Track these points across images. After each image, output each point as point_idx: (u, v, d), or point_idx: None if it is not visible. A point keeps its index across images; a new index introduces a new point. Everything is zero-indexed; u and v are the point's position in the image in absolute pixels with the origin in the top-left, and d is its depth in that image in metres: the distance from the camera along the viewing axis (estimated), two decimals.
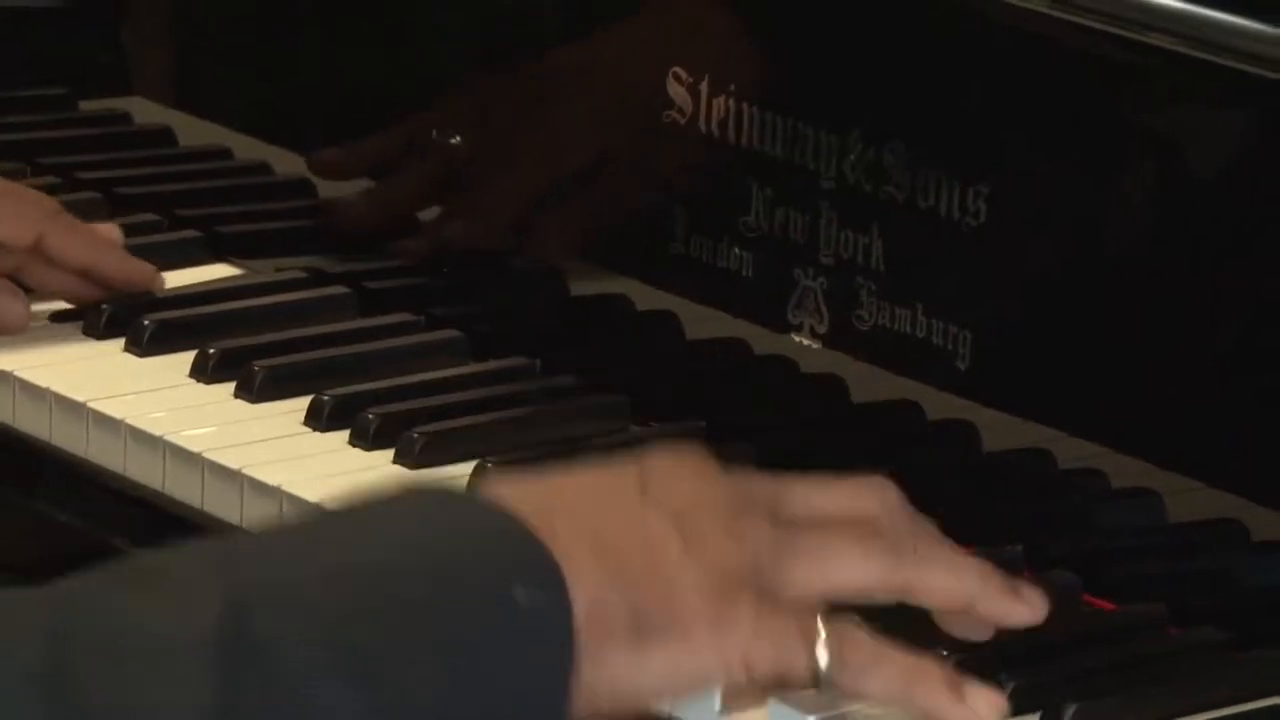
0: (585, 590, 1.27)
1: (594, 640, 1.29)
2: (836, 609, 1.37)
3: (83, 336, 1.91)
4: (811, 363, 1.74)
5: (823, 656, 1.33)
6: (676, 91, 1.78)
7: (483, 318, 1.88)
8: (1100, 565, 1.62)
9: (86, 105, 2.14)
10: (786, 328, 1.74)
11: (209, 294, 1.96)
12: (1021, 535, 1.63)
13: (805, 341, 1.74)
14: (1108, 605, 1.62)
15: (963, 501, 1.65)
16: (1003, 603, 1.42)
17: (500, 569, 1.27)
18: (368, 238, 2.04)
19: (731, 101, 1.76)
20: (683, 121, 1.77)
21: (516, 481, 1.36)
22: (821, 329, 1.72)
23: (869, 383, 1.72)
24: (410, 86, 2.05)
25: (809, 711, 1.47)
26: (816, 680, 1.35)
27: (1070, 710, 1.46)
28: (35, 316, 1.97)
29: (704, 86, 1.76)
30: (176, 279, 1.98)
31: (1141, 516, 1.67)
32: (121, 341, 1.89)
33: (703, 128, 1.76)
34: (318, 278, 1.98)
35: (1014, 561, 1.60)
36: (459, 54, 2.05)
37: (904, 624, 1.36)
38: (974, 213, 1.66)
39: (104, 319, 1.92)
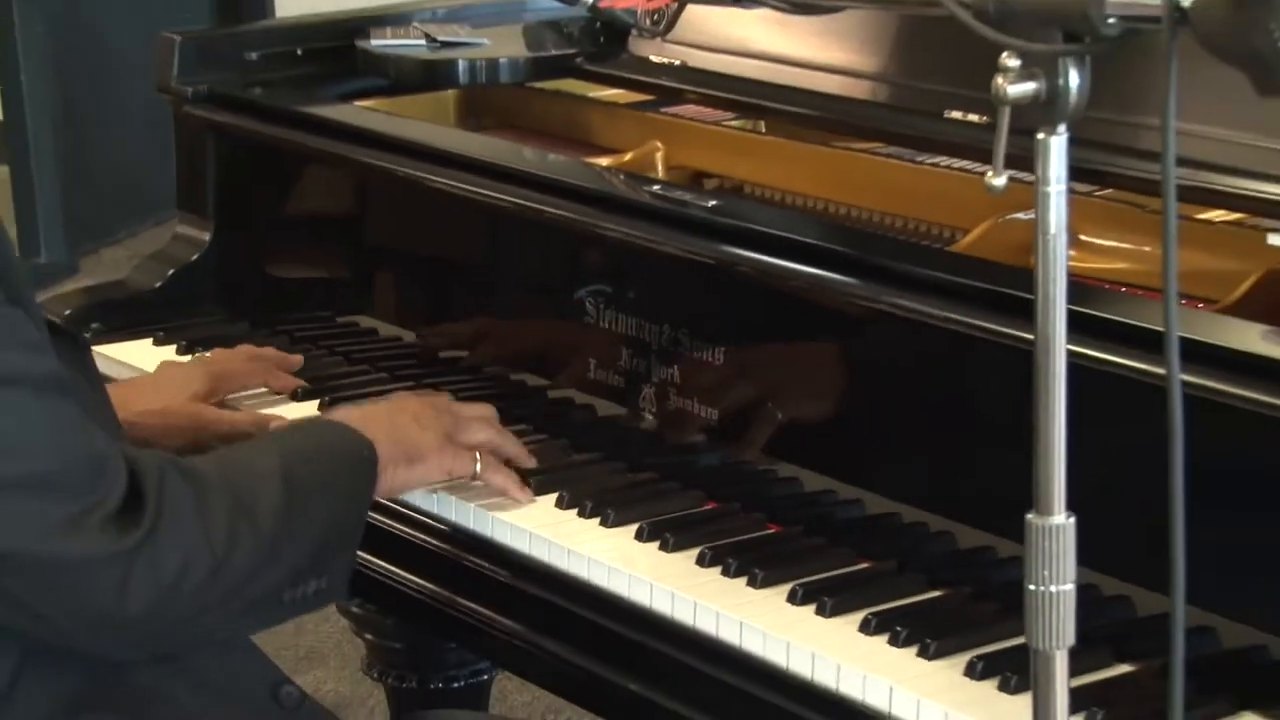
0: (383, 452, 1.59)
1: (390, 468, 1.60)
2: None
3: None
4: (648, 424, 1.78)
5: (477, 467, 1.69)
6: (589, 308, 1.81)
7: (526, 419, 1.85)
8: (760, 497, 1.68)
9: (340, 319, 2.12)
10: (638, 409, 1.78)
11: None
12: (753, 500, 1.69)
13: (647, 416, 1.78)
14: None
15: (714, 475, 1.73)
16: (517, 455, 1.73)
17: (359, 447, 1.58)
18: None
19: (613, 312, 1.79)
20: (592, 322, 1.81)
21: (356, 411, 1.69)
22: (653, 411, 1.77)
23: (676, 433, 1.75)
24: (486, 306, 2.01)
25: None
26: (475, 476, 1.69)
27: (700, 551, 1.58)
28: None
29: (601, 305, 1.80)
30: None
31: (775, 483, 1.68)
32: None
33: (602, 325, 1.80)
34: None
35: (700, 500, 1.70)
36: (506, 298, 1.98)
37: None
38: (717, 360, 1.71)
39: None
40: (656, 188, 1.87)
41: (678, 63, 2.19)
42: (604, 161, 2.07)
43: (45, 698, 1.43)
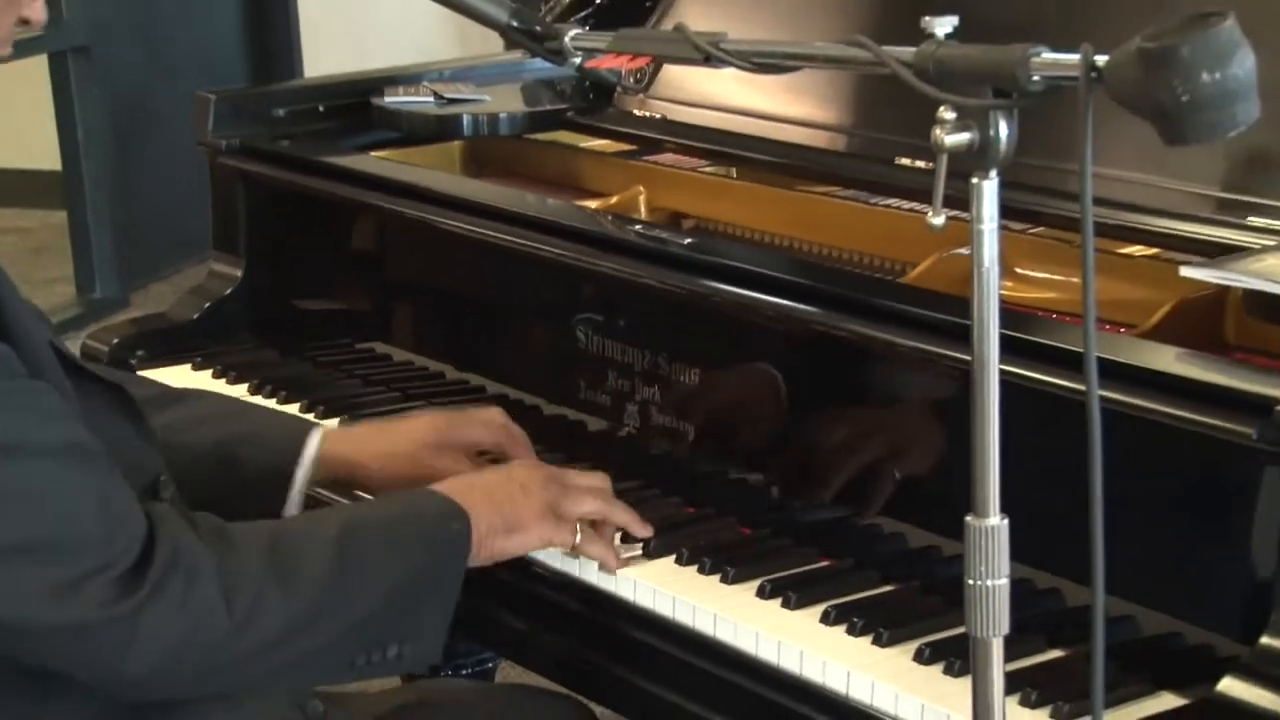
0: (482, 522, 1.48)
1: (486, 539, 1.48)
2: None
3: None
4: (632, 438, 1.75)
5: (576, 539, 1.56)
6: (580, 334, 1.79)
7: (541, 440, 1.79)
8: (732, 503, 1.67)
9: (359, 346, 2.09)
10: (622, 425, 1.76)
11: None
12: (725, 506, 1.68)
13: (631, 431, 1.76)
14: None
15: (691, 484, 1.71)
16: (629, 523, 1.59)
17: (448, 518, 1.47)
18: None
19: (602, 338, 1.77)
20: (583, 347, 1.79)
21: (465, 480, 1.55)
22: (637, 426, 1.75)
23: (657, 444, 1.73)
24: (488, 333, 1.97)
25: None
26: (574, 547, 1.57)
27: (679, 553, 1.57)
28: None
29: (591, 331, 1.78)
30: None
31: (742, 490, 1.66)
32: None
33: (592, 350, 1.78)
34: None
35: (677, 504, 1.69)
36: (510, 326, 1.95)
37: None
38: (694, 380, 1.69)
39: None
40: (639, 228, 1.87)
41: (658, 116, 2.18)
42: (593, 204, 2.06)
43: (74, 712, 1.35)
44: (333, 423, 1.87)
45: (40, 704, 1.34)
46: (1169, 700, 1.34)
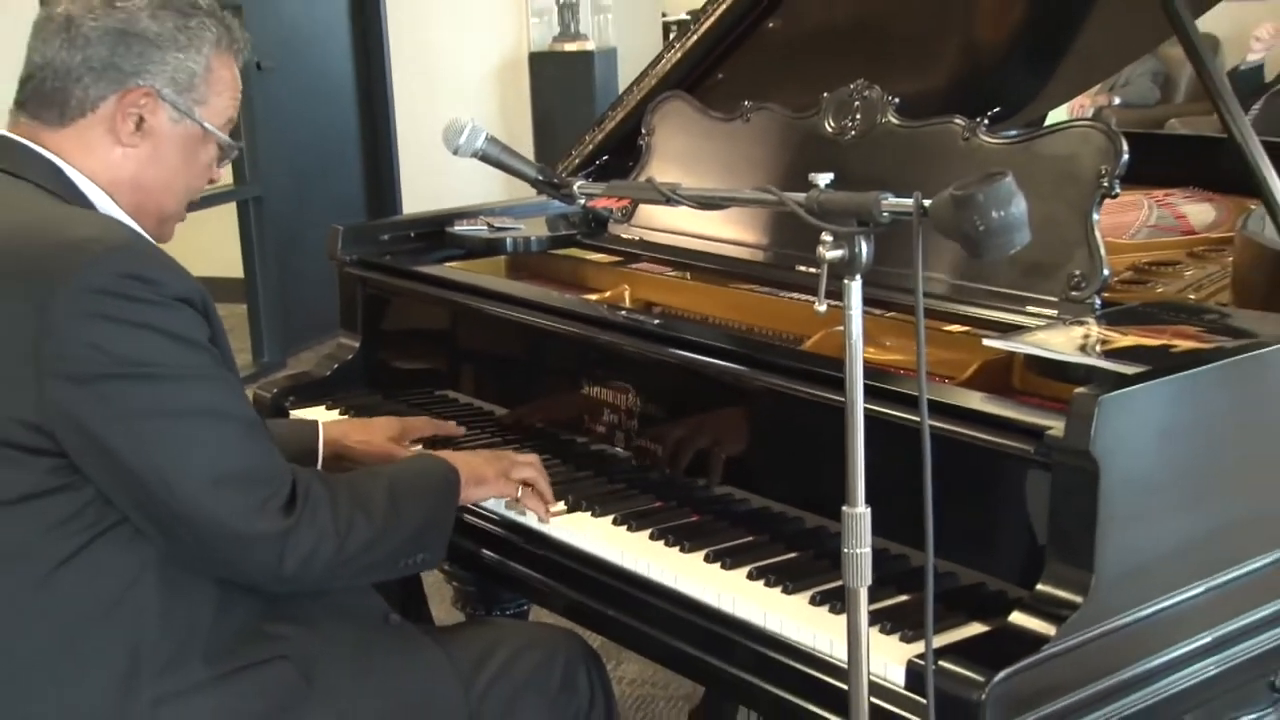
0: (461, 475, 1.52)
1: (465, 486, 1.53)
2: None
3: None
4: (620, 454, 1.70)
5: (518, 493, 1.60)
6: (584, 384, 1.74)
7: (546, 451, 1.77)
8: (686, 498, 1.60)
9: (436, 393, 1.97)
10: (613, 446, 1.71)
11: None
12: (682, 500, 1.64)
13: (620, 451, 1.71)
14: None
15: (659, 485, 1.66)
16: (547, 493, 1.61)
17: (446, 471, 1.51)
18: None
19: (599, 388, 1.73)
20: (587, 393, 1.73)
21: (450, 453, 1.59)
22: (623, 446, 1.70)
23: (637, 459, 1.69)
24: (524, 385, 1.91)
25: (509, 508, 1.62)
26: (516, 499, 1.61)
27: (651, 531, 1.53)
28: None
29: (591, 382, 1.74)
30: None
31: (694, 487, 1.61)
32: None
33: (593, 395, 1.72)
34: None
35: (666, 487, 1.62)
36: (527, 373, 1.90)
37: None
38: (661, 416, 1.66)
39: None
40: (624, 312, 1.84)
41: (637, 238, 2.16)
42: (593, 297, 2.04)
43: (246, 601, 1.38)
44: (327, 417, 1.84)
45: (223, 595, 1.35)
46: (977, 628, 1.32)
